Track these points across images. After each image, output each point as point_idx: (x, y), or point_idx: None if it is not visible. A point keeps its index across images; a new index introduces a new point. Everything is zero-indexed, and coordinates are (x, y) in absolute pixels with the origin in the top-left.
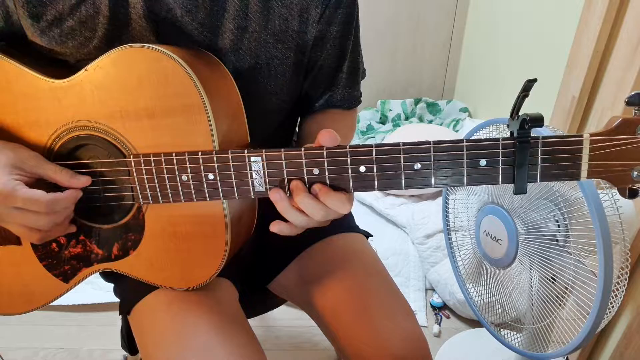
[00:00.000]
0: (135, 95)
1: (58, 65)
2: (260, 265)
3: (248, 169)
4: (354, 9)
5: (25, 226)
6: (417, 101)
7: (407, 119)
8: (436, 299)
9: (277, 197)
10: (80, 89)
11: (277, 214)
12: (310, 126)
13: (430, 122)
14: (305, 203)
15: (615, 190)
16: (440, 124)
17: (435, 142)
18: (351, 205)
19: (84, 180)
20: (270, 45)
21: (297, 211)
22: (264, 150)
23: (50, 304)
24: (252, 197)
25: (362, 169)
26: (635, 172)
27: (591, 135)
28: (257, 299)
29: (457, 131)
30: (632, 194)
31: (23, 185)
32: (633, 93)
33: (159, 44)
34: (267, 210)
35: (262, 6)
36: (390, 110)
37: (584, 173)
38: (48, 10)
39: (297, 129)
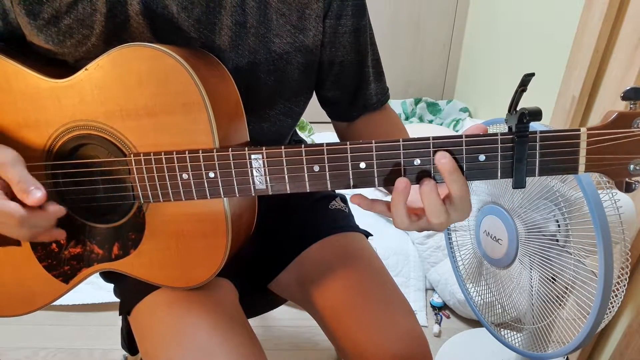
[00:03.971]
0: (135, 94)
1: (57, 65)
2: (260, 265)
3: (249, 167)
4: None
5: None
6: (417, 101)
7: (407, 119)
8: (436, 299)
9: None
10: (80, 88)
11: (276, 213)
12: (359, 134)
13: (431, 122)
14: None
15: (615, 191)
16: (441, 124)
17: (434, 138)
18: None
19: (36, 200)
20: (269, 41)
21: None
22: (264, 148)
23: (50, 304)
24: (253, 194)
25: (363, 165)
26: (631, 166)
27: (588, 129)
28: (258, 299)
29: (457, 131)
30: (628, 188)
31: (0, 195)
32: (628, 88)
33: (159, 43)
34: (267, 210)
35: (259, 1)
36: None
37: (581, 167)
38: (45, 9)
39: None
